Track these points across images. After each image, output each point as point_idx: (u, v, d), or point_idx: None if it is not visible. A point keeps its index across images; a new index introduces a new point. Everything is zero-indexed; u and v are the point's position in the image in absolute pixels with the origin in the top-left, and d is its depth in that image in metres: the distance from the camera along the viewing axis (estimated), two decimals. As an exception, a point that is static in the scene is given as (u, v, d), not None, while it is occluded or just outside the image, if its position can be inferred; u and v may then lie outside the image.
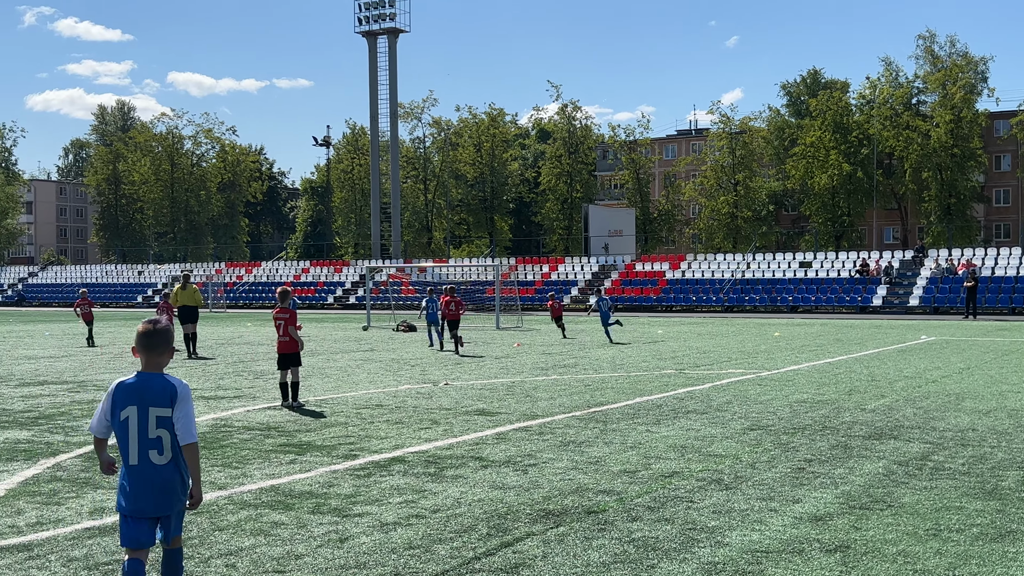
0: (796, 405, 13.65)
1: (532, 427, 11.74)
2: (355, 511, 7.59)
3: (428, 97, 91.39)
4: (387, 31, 72.17)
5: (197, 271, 74.60)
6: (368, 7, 72.10)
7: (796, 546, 6.59)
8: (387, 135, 74.34)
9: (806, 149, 71.92)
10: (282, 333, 14.19)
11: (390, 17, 71.66)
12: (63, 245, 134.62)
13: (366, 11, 72.19)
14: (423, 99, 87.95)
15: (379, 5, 71.83)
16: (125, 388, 5.15)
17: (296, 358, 14.01)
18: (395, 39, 72.71)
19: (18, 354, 24.15)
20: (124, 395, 5.13)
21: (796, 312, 51.08)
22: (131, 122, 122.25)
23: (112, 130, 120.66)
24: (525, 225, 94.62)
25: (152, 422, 5.09)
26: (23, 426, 12.09)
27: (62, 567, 6.19)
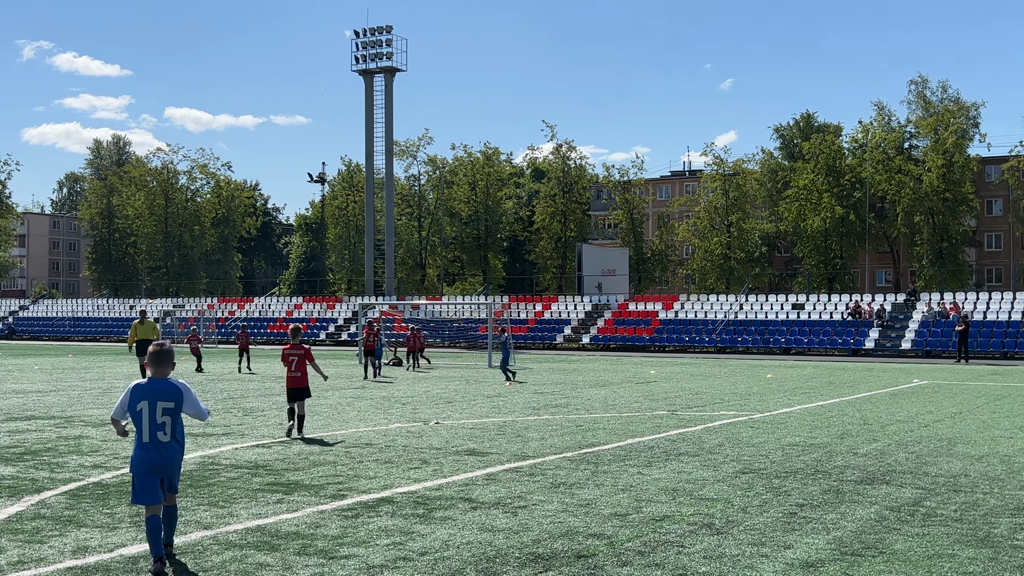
0: (788, 448, 13.58)
1: (523, 468, 11.65)
2: (342, 553, 7.50)
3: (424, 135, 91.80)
4: (384, 70, 72.66)
5: (189, 306, 74.45)
6: (365, 46, 72.63)
7: (788, 593, 6.51)
8: (382, 172, 74.59)
9: (799, 191, 72.29)
10: (293, 369, 14.60)
11: (387, 56, 72.18)
12: (55, 278, 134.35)
13: (363, 50, 72.72)
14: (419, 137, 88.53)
15: (376, 44, 72.37)
16: (140, 388, 7.29)
17: (306, 392, 14.62)
18: (392, 78, 73.19)
19: (6, 388, 23.98)
20: (139, 393, 7.25)
21: (789, 354, 51.06)
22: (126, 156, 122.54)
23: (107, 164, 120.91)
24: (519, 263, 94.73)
25: (159, 412, 7.19)
26: (8, 462, 11.97)
27: (42, 608, 6.08)
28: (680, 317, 58.16)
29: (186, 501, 9.48)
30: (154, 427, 7.14)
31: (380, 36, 72.61)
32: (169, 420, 7.18)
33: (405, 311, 65.09)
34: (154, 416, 7.15)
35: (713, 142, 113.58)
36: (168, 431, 7.18)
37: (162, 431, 7.16)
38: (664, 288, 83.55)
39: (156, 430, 7.15)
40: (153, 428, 7.14)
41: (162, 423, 7.16)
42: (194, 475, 11.00)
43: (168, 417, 7.18)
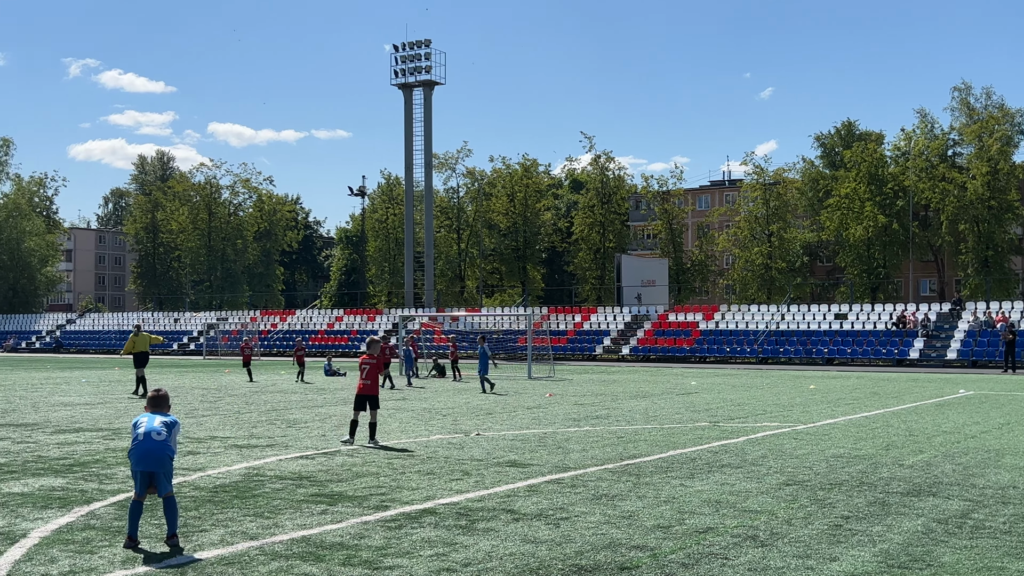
0: (832, 460, 13.46)
1: (564, 479, 11.65)
2: (386, 564, 7.55)
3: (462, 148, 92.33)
4: (422, 83, 73.10)
5: (232, 319, 75.22)
6: (404, 60, 73.14)
7: (833, 606, 6.46)
8: (421, 185, 74.98)
9: (841, 200, 71.62)
10: (364, 376, 15.21)
11: (426, 70, 72.62)
12: (101, 292, 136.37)
13: (402, 64, 73.23)
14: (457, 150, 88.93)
15: (415, 58, 72.85)
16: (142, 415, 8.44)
17: (375, 400, 15.20)
18: (430, 91, 73.61)
19: (54, 401, 24.38)
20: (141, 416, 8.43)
21: (832, 364, 50.54)
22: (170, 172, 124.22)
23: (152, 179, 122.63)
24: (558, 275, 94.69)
25: (157, 421, 8.31)
26: (58, 473, 12.18)
27: (94, 617, 6.19)
28: (721, 328, 57.80)
29: (232, 512, 9.59)
30: (151, 428, 8.24)
31: (419, 50, 73.09)
32: (166, 430, 8.30)
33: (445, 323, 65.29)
34: (152, 422, 8.30)
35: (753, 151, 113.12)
36: (164, 434, 8.25)
37: (158, 432, 8.24)
38: (704, 299, 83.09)
39: (152, 431, 8.24)
40: (150, 428, 8.24)
41: (159, 428, 8.27)
42: (239, 486, 11.13)
43: (165, 428, 8.31)
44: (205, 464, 12.98)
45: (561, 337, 60.44)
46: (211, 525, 8.98)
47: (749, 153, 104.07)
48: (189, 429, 17.34)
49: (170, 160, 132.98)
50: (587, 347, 59.93)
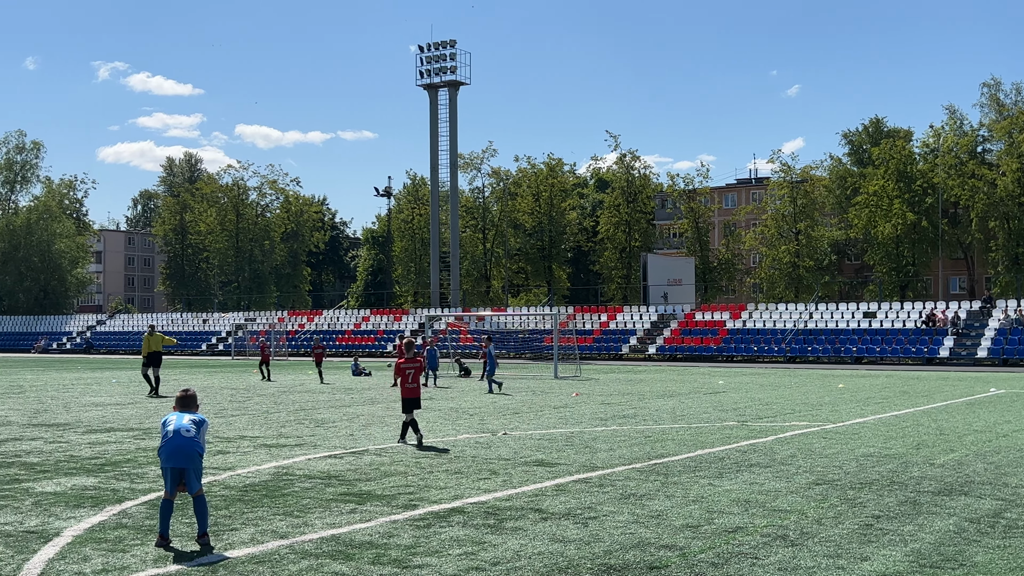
0: (863, 459, 13.37)
1: (592, 479, 11.64)
2: (415, 562, 7.58)
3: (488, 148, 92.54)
4: (448, 84, 73.24)
5: (260, 319, 75.68)
6: (430, 60, 73.30)
7: (865, 606, 6.42)
8: (447, 185, 75.12)
9: (869, 198, 71.09)
10: (410, 380, 15.37)
11: (451, 70, 72.75)
12: (131, 294, 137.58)
13: (428, 64, 73.40)
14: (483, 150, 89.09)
15: (440, 59, 72.99)
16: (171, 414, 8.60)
17: (419, 403, 15.51)
18: (455, 91, 73.72)
19: (85, 401, 24.63)
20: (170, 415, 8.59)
21: (860, 363, 50.18)
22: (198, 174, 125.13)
23: (180, 181, 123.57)
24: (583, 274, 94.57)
25: (187, 419, 8.46)
26: (90, 472, 12.30)
27: (127, 614, 6.25)
28: (748, 327, 57.53)
29: (261, 511, 9.66)
30: (180, 425, 8.38)
31: (444, 51, 73.23)
32: (195, 427, 8.43)
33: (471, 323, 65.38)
34: (181, 420, 8.45)
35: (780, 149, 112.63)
36: (193, 431, 8.38)
37: (187, 429, 8.37)
38: (731, 297, 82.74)
39: (182, 428, 8.37)
40: (179, 426, 8.37)
41: (188, 425, 8.41)
42: (269, 485, 11.20)
43: (194, 425, 8.45)
44: (235, 463, 13.07)
45: (587, 336, 60.36)
46: (241, 524, 9.04)
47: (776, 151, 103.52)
48: (219, 429, 17.46)
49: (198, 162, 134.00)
50: (613, 346, 59.82)
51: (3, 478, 11.82)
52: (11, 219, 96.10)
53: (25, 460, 13.45)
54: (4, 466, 12.85)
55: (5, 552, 7.94)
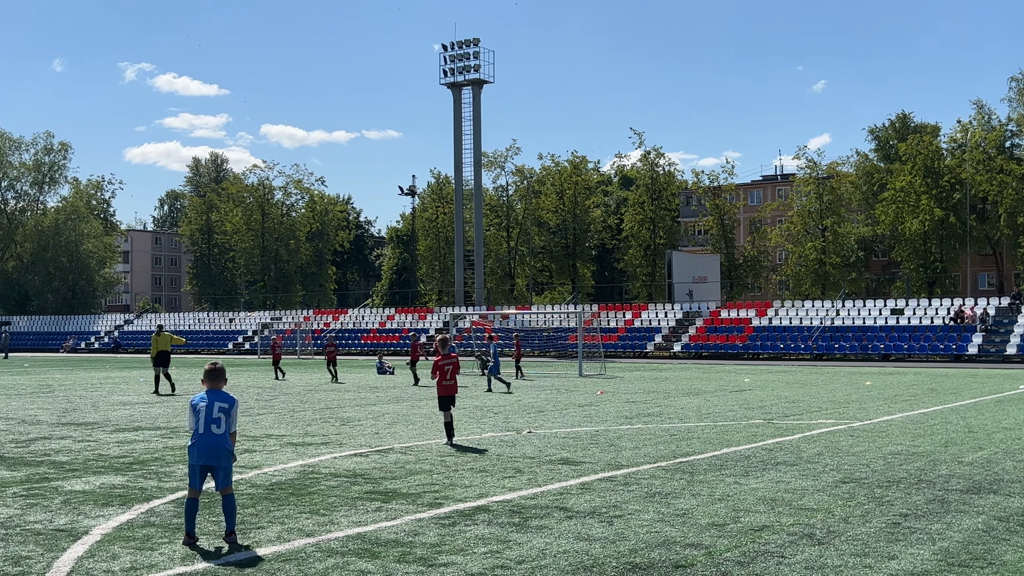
0: (890, 457, 13.28)
1: (617, 477, 11.62)
2: (440, 560, 7.59)
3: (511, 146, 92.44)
4: (471, 82, 73.30)
5: (286, 318, 76.06)
6: (453, 59, 73.39)
7: (893, 605, 6.37)
8: (471, 184, 75.20)
9: (896, 194, 70.55)
10: (448, 377, 15.33)
11: (474, 69, 72.79)
12: (158, 293, 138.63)
13: (451, 63, 73.49)
14: (506, 148, 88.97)
15: (464, 57, 73.06)
16: (199, 397, 8.44)
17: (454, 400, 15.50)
18: (479, 90, 73.77)
19: (113, 400, 24.84)
20: (199, 399, 8.40)
21: (888, 360, 49.82)
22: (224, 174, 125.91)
23: (206, 181, 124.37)
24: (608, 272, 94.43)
25: (215, 409, 8.31)
26: (118, 471, 12.40)
27: (155, 612, 6.30)
28: (774, 324, 57.23)
29: (288, 509, 9.71)
30: (209, 420, 8.28)
31: (467, 49, 73.28)
32: (224, 417, 8.34)
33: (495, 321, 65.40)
34: (211, 412, 8.30)
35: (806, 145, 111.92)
36: (222, 425, 8.31)
37: (216, 424, 8.28)
38: (757, 295, 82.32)
39: (211, 423, 8.27)
40: (208, 421, 8.27)
41: (217, 418, 8.29)
42: (295, 484, 11.26)
43: (223, 415, 8.34)
44: (261, 462, 13.14)
45: (612, 335, 60.25)
46: (268, 522, 9.09)
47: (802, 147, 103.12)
48: (246, 428, 17.57)
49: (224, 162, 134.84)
50: (638, 344, 59.69)
51: (33, 476, 11.94)
52: (40, 220, 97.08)
53: (54, 459, 13.59)
54: (34, 465, 12.99)
55: (35, 550, 8.03)
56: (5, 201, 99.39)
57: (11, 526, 8.96)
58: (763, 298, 76.53)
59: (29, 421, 19.08)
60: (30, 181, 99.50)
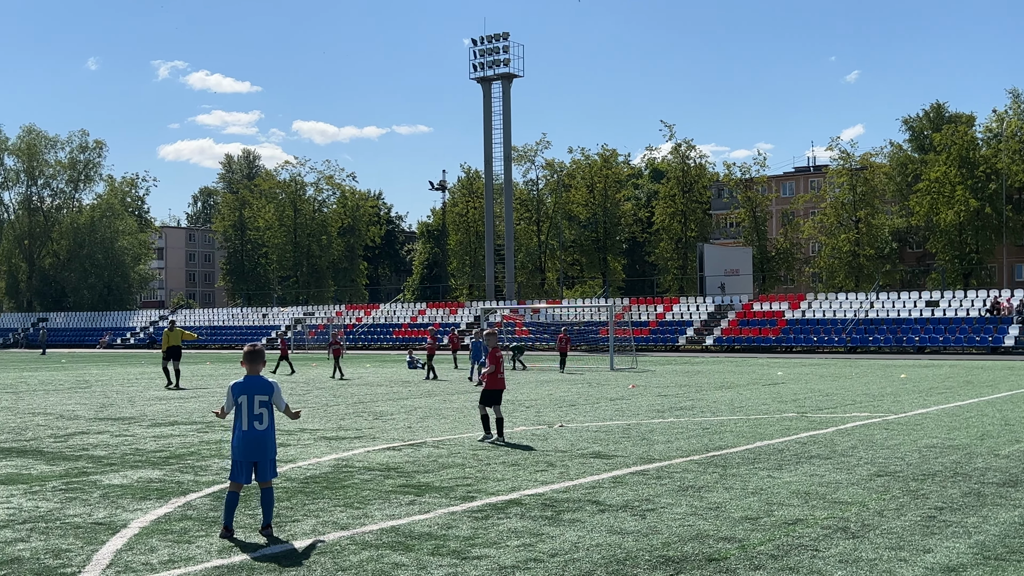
0: (925, 450, 13.17)
1: (649, 471, 11.62)
2: (473, 553, 7.63)
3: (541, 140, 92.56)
4: (501, 76, 73.31)
5: (318, 313, 76.52)
6: (483, 54, 73.43)
7: (928, 599, 6.34)
8: (501, 178, 75.24)
9: (930, 185, 69.80)
10: (502, 370, 14.89)
11: (504, 63, 72.80)
12: (192, 289, 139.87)
13: (481, 58, 73.55)
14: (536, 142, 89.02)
15: (493, 52, 73.10)
16: (239, 385, 8.33)
17: (500, 395, 14.81)
18: (509, 84, 73.77)
19: (150, 395, 25.12)
20: (239, 389, 8.31)
21: (923, 353, 49.35)
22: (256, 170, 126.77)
23: (238, 178, 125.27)
24: (639, 265, 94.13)
25: (256, 404, 8.27)
26: (155, 465, 12.56)
27: (193, 604, 6.38)
28: (807, 317, 56.85)
29: (323, 503, 9.79)
30: (252, 417, 8.24)
31: (497, 43, 73.30)
32: (266, 412, 8.31)
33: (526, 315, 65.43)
34: (252, 408, 8.25)
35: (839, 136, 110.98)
36: (265, 420, 8.29)
37: (259, 420, 8.26)
38: (790, 287, 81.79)
39: (254, 420, 8.24)
40: (251, 418, 8.24)
41: (259, 414, 8.26)
42: (329, 477, 11.35)
43: (264, 409, 8.30)
44: (296, 456, 13.26)
45: (643, 328, 60.11)
46: (303, 515, 9.18)
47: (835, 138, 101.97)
48: (280, 422, 17.71)
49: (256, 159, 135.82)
50: (670, 338, 59.51)
51: (72, 471, 12.12)
52: (75, 217, 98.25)
53: (92, 453, 13.77)
54: (72, 459, 13.18)
55: (75, 543, 8.16)
56: (42, 199, 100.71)
57: (51, 519, 9.11)
58: (796, 291, 75.99)
59: (67, 416, 19.35)
60: (66, 179, 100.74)
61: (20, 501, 10.08)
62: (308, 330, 71.23)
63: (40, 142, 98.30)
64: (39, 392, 26.45)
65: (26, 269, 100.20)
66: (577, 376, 32.38)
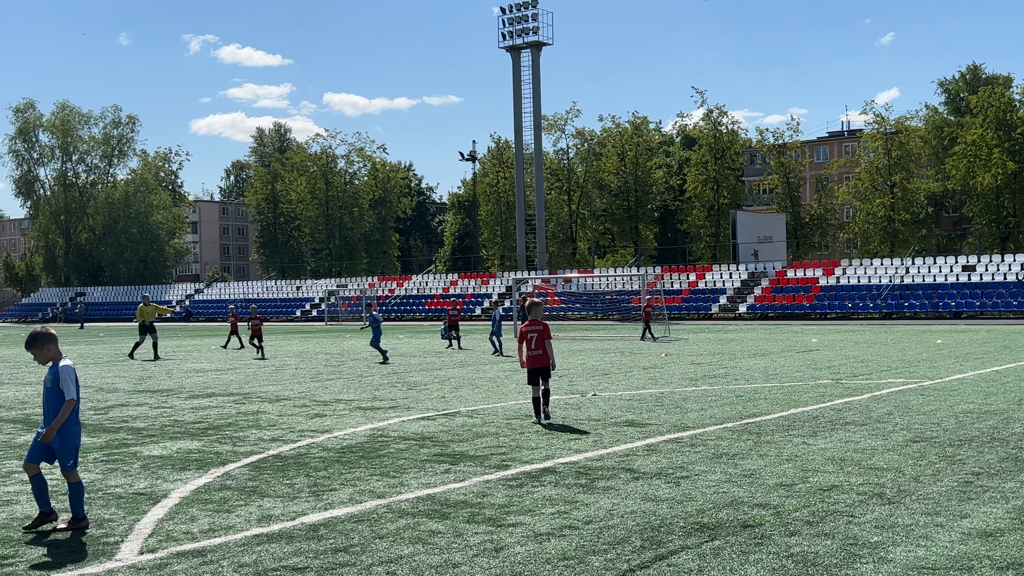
0: (962, 416, 13.08)
1: (683, 439, 11.63)
2: (509, 521, 7.69)
3: (571, 108, 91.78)
4: (530, 45, 72.89)
5: (351, 285, 76.93)
6: (512, 22, 73.01)
7: (965, 563, 6.32)
8: (531, 147, 74.98)
9: (967, 148, 68.76)
10: (533, 347, 13.29)
11: (533, 31, 72.36)
12: (226, 262, 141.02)
13: (510, 26, 73.14)
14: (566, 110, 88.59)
15: (522, 20, 72.66)
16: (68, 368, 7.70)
17: (547, 371, 13.33)
18: (538, 52, 73.34)
19: (187, 367, 25.44)
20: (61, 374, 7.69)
21: (959, 318, 48.85)
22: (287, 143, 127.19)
23: (270, 151, 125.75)
24: (671, 233, 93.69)
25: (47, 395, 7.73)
26: (194, 436, 12.74)
27: (233, 572, 6.49)
28: (842, 283, 56.42)
29: (359, 472, 9.90)
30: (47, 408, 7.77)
31: (526, 11, 72.85)
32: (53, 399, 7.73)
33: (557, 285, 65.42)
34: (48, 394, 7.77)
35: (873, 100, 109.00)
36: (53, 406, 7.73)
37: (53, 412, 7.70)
38: (824, 253, 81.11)
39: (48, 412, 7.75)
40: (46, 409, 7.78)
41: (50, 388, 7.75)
42: (365, 447, 11.46)
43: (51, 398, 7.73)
44: (332, 426, 13.39)
45: (675, 296, 59.93)
46: (340, 484, 9.28)
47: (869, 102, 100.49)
48: (315, 393, 17.88)
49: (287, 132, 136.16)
50: (703, 306, 59.30)
51: (112, 443, 12.32)
52: (110, 192, 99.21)
53: (132, 425, 13.99)
54: (112, 431, 13.39)
55: (117, 513, 8.31)
56: (76, 175, 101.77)
57: (93, 490, 9.27)
58: (830, 257, 75.36)
59: (107, 389, 19.64)
60: (100, 154, 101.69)
61: (63, 472, 10.27)
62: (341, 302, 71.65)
63: (74, 118, 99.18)
64: (78, 365, 26.85)
65: (63, 244, 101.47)
66: (609, 345, 32.37)
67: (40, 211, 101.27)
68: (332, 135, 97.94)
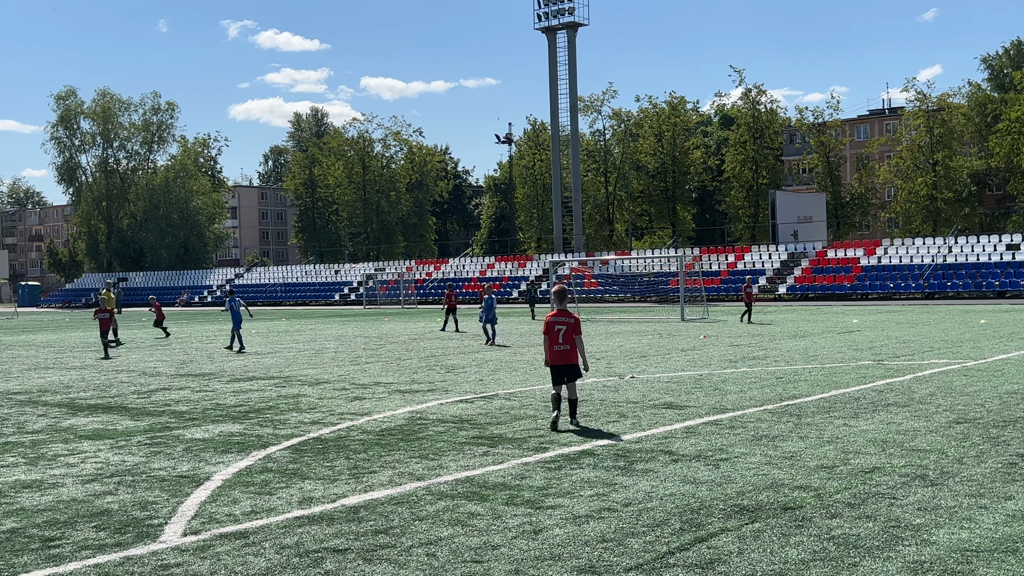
0: (1006, 396, 12.89)
1: (722, 421, 11.57)
2: (547, 503, 7.70)
3: (608, 89, 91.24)
4: (566, 26, 72.50)
5: (389, 269, 77.25)
6: (547, 3, 72.62)
7: (1010, 545, 6.24)
8: (567, 129, 74.69)
9: (1011, 125, 67.53)
10: (560, 341, 11.28)
11: (568, 12, 71.94)
12: (265, 247, 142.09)
13: (545, 7, 72.75)
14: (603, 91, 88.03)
15: (558, 1, 72.24)
16: None
17: (575, 370, 11.31)
18: (574, 33, 72.93)
19: (228, 351, 25.68)
20: None
21: (1004, 298, 48.12)
22: (325, 128, 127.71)
23: (307, 136, 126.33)
24: (709, 214, 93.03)
25: None
26: (235, 419, 12.87)
27: (275, 554, 6.56)
28: (883, 263, 55.78)
29: (399, 454, 9.95)
30: None
31: (561, -8, 72.39)
32: None
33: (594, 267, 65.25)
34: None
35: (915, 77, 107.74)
36: None
37: None
38: (865, 233, 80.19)
39: None
40: None
41: None
42: (404, 429, 11.52)
43: None
44: (371, 409, 13.47)
45: (714, 278, 59.57)
46: (379, 467, 9.34)
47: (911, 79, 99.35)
48: (354, 376, 17.99)
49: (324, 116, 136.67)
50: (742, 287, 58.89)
51: (156, 426, 12.48)
52: (150, 178, 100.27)
53: (175, 408, 14.16)
54: (155, 415, 13.57)
55: (161, 495, 8.42)
56: (117, 161, 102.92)
57: (137, 473, 9.41)
58: (871, 236, 74.47)
59: (149, 373, 19.90)
60: (140, 141, 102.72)
61: (107, 456, 10.43)
62: (380, 285, 72.00)
63: (114, 105, 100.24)
64: (121, 350, 27.22)
65: (105, 230, 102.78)
66: (647, 327, 32.25)
67: (82, 197, 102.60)
68: (369, 119, 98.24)
